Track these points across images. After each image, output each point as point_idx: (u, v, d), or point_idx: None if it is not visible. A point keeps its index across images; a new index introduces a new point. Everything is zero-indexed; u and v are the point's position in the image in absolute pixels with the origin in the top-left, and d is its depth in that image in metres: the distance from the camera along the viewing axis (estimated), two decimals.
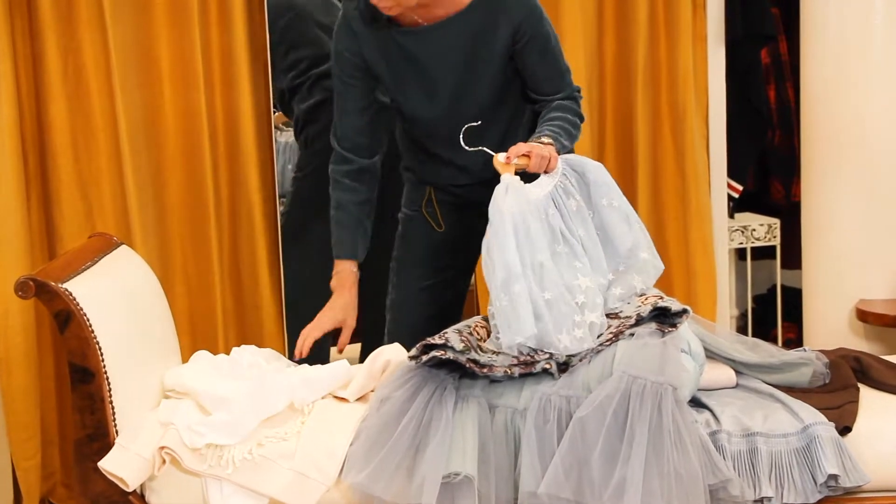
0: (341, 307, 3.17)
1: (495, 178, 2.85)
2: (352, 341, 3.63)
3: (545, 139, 2.96)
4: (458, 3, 3.04)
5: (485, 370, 2.64)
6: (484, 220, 3.23)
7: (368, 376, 2.85)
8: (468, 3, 3.04)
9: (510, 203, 2.76)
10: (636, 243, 2.89)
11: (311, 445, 2.64)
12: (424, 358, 2.63)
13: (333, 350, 4.21)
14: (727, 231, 4.59)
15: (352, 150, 3.17)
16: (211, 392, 2.69)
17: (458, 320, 3.24)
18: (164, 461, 2.62)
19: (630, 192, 4.29)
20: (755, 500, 2.57)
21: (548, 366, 2.66)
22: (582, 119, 3.17)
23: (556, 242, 2.79)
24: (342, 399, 2.83)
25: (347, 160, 3.17)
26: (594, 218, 2.89)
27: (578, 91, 3.21)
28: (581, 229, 2.85)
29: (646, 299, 2.79)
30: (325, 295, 3.21)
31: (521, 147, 2.87)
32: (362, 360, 4.14)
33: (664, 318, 2.74)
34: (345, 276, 3.18)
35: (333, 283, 3.18)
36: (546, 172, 2.88)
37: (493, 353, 2.69)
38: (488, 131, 3.10)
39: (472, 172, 3.18)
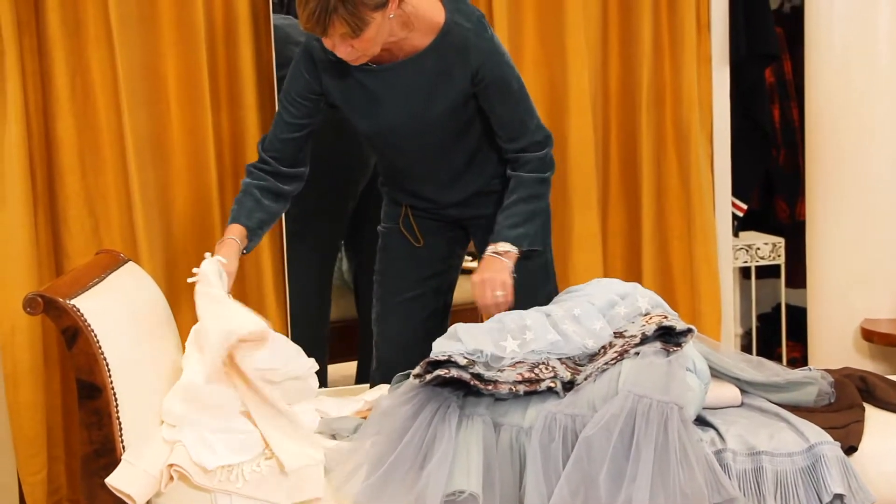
0: None
1: (466, 200, 2.93)
2: (347, 360, 3.67)
3: (504, 247, 3.08)
4: (417, 46, 3.06)
5: (489, 387, 2.65)
6: (462, 232, 3.28)
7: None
8: (427, 45, 3.06)
9: None
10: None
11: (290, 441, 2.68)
12: (429, 377, 2.63)
13: (331, 368, 4.27)
14: (731, 250, 4.59)
15: (274, 157, 3.19)
16: (210, 424, 2.70)
17: (444, 331, 3.28)
18: (172, 478, 2.62)
19: (634, 211, 4.31)
20: None
21: (553, 384, 2.67)
22: (550, 171, 3.21)
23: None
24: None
25: (266, 162, 3.19)
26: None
27: (546, 138, 3.21)
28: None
29: (650, 318, 2.80)
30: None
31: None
32: (358, 376, 4.19)
33: (669, 337, 2.75)
34: (226, 242, 3.12)
35: (215, 247, 3.14)
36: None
37: (498, 370, 2.69)
38: (452, 161, 3.17)
39: (437, 202, 3.22)
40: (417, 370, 2.67)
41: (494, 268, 3.05)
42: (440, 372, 2.62)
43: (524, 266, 3.19)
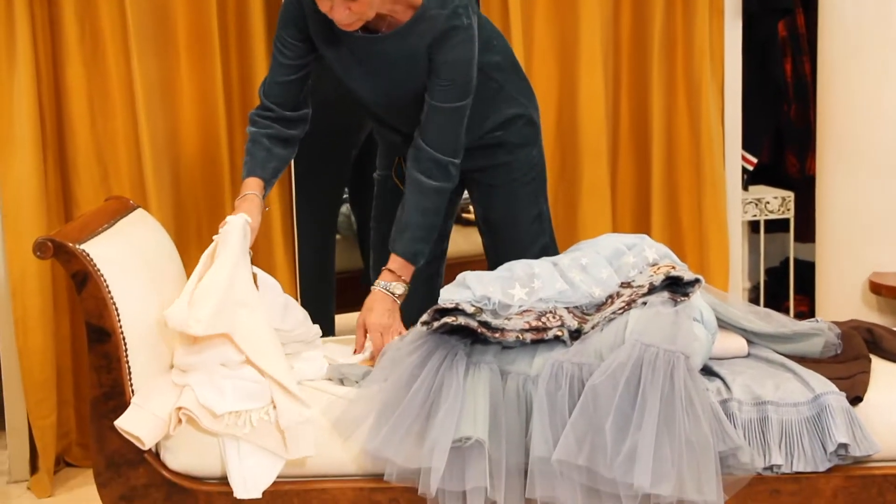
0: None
1: None
2: (354, 310, 3.65)
3: (397, 264, 3.04)
4: (398, 21, 3.02)
5: (496, 335, 2.65)
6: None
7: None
8: (405, 22, 3.01)
9: None
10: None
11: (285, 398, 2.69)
12: (436, 324, 2.64)
13: (338, 318, 4.28)
14: (741, 203, 4.59)
15: (276, 102, 3.16)
16: (220, 370, 2.71)
17: (440, 278, 3.26)
18: (180, 421, 2.64)
19: (644, 164, 4.31)
20: (765, 468, 2.59)
21: (560, 333, 2.67)
22: (447, 182, 3.08)
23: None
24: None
25: (269, 108, 3.16)
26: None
27: (452, 161, 3.08)
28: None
29: (658, 269, 2.80)
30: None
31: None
32: None
33: (676, 287, 2.75)
34: (241, 198, 3.08)
35: (235, 204, 3.10)
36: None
37: (506, 318, 2.70)
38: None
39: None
40: (425, 317, 2.68)
41: (384, 310, 3.00)
42: (447, 319, 2.63)
43: (518, 218, 3.24)
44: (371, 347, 2.97)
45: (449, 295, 2.72)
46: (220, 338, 2.73)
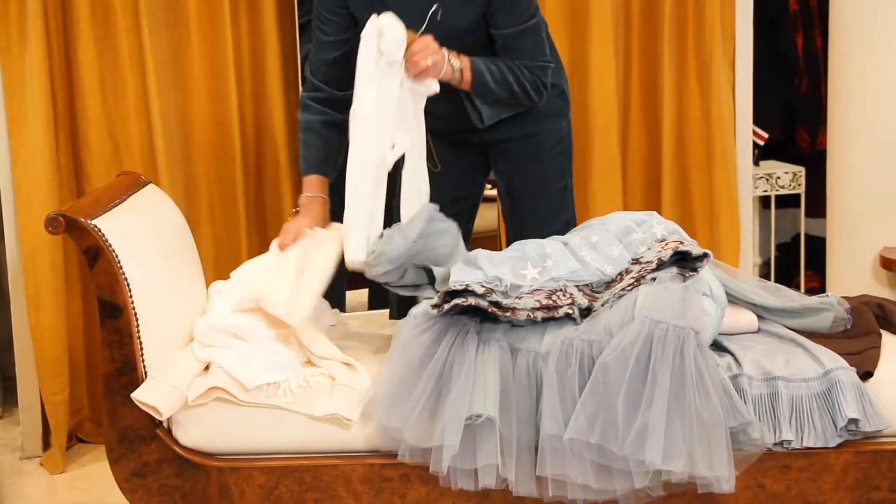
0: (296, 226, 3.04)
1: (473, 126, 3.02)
2: (360, 287, 3.65)
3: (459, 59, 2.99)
4: None
5: (507, 314, 2.65)
6: (483, 158, 3.24)
7: None
8: None
9: None
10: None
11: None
12: (447, 306, 2.64)
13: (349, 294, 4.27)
14: (752, 179, 4.58)
15: (325, 81, 3.14)
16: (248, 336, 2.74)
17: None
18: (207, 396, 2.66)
19: (655, 138, 4.30)
20: (775, 444, 2.59)
21: (570, 311, 2.67)
22: (531, 95, 3.10)
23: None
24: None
25: (319, 89, 3.13)
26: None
27: (547, 64, 3.11)
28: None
29: (666, 244, 2.80)
30: None
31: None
32: (370, 303, 4.19)
33: (685, 262, 2.75)
34: (310, 199, 3.08)
35: (301, 202, 3.09)
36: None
37: (517, 296, 2.70)
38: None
39: (455, 123, 3.18)
40: (435, 300, 2.68)
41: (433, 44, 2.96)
42: (458, 301, 2.63)
43: (543, 191, 3.21)
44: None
45: (459, 276, 2.71)
46: (256, 312, 2.77)
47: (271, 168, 3.95)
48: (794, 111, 5.11)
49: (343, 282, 4.33)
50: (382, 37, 2.87)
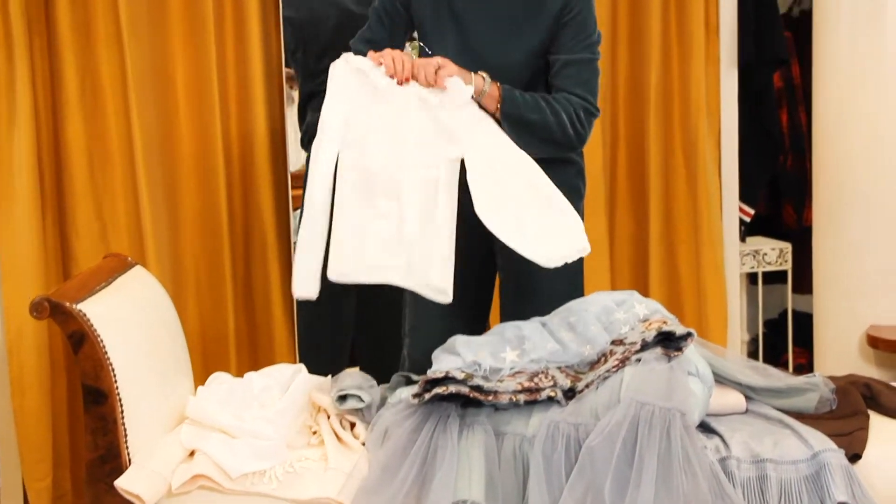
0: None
1: None
2: (354, 364, 3.63)
3: (487, 82, 2.98)
4: None
5: (490, 397, 2.65)
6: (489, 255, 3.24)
7: None
8: None
9: None
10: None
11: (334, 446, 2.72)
12: (427, 396, 2.63)
13: None
14: (738, 255, 4.59)
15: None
16: (238, 427, 2.73)
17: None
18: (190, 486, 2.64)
19: (641, 215, 4.31)
20: None
21: (553, 393, 2.67)
22: (566, 128, 3.05)
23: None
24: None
25: None
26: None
27: (595, 109, 3.09)
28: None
29: (650, 324, 2.80)
30: (336, 316, 3.20)
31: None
32: None
33: (669, 342, 2.75)
34: None
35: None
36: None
37: (498, 380, 2.70)
38: None
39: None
40: (416, 389, 2.67)
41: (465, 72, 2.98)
42: (438, 390, 2.62)
43: (554, 273, 3.10)
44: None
45: (438, 364, 2.71)
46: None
47: (259, 247, 3.94)
48: (779, 187, 5.14)
49: (345, 361, 4.34)
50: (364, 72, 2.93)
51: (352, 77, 2.96)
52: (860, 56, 4.22)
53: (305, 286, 2.93)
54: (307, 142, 4.13)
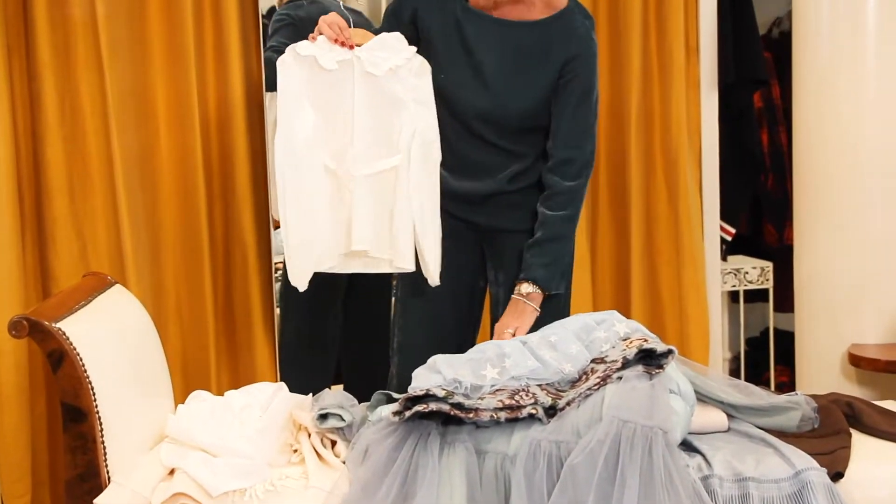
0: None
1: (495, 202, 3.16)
2: (336, 383, 3.63)
3: (528, 289, 3.18)
4: (531, 16, 3.15)
5: (470, 415, 2.64)
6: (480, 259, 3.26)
7: None
8: (539, 19, 3.15)
9: None
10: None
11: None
12: (408, 413, 2.62)
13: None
14: (720, 274, 4.60)
15: None
16: (218, 445, 2.72)
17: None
18: None
19: (623, 235, 4.32)
20: None
21: (534, 411, 2.66)
22: (577, 207, 3.27)
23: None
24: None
25: None
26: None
27: (588, 168, 3.26)
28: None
29: (630, 342, 2.80)
30: (318, 335, 3.21)
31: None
32: None
33: (650, 360, 2.75)
34: None
35: None
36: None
37: (479, 397, 2.69)
38: (502, 154, 3.19)
39: (493, 173, 3.23)
40: (396, 407, 2.66)
41: (519, 313, 3.15)
42: (419, 408, 2.61)
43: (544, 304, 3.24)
44: None
45: (419, 382, 2.71)
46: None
47: (240, 267, 3.93)
48: (760, 206, 5.16)
49: (327, 380, 4.32)
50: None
51: (297, 68, 3.08)
52: (840, 76, 4.24)
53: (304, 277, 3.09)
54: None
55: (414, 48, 3.14)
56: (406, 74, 3.12)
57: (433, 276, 3.19)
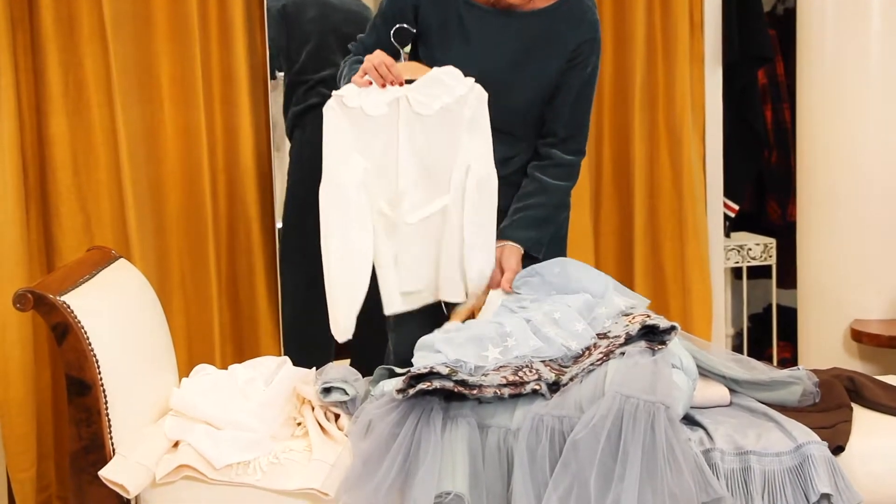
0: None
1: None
2: (340, 357, 3.63)
3: (512, 245, 3.11)
4: (535, 5, 3.11)
5: (474, 391, 2.64)
6: None
7: None
8: (544, 7, 3.11)
9: None
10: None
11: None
12: (412, 391, 2.63)
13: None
14: (723, 250, 4.60)
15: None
16: (222, 418, 2.73)
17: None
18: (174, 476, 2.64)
19: (626, 212, 4.32)
20: None
21: (537, 387, 2.66)
22: (573, 181, 3.26)
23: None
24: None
25: (357, 58, 3.17)
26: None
27: (583, 150, 3.25)
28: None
29: (633, 318, 2.80)
30: (321, 309, 3.20)
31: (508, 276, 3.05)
32: None
33: (653, 335, 2.75)
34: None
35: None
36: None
37: (483, 374, 2.70)
38: (502, 146, 3.13)
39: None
40: (400, 385, 2.67)
41: (507, 257, 3.10)
42: (423, 386, 2.61)
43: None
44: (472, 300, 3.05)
45: (422, 361, 2.71)
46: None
47: (243, 242, 3.94)
48: (764, 183, 5.16)
49: (331, 354, 4.33)
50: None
51: (344, 119, 2.97)
52: (844, 53, 4.23)
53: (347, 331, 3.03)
54: (290, 135, 4.14)
55: (471, 80, 3.00)
56: (459, 109, 3.00)
57: (470, 291, 3.11)
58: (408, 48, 3.16)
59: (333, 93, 2.99)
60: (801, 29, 4.37)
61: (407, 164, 2.99)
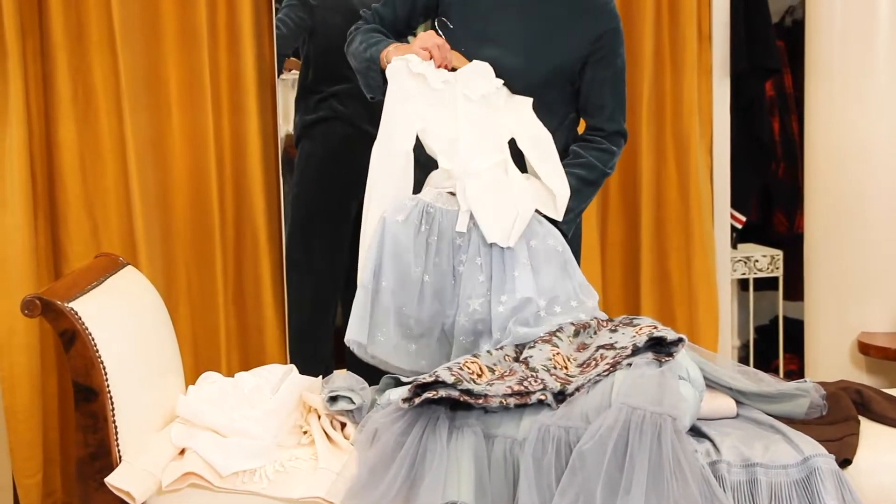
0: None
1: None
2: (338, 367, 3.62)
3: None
4: None
5: (480, 401, 2.64)
6: None
7: None
8: None
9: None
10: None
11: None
12: (417, 401, 2.63)
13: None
14: (730, 262, 4.60)
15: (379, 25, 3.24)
16: (228, 426, 2.73)
17: None
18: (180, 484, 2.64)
19: (633, 222, 4.32)
20: None
21: (543, 397, 2.66)
22: (611, 166, 3.27)
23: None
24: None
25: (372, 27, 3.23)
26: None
27: (625, 136, 3.29)
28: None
29: (640, 329, 2.81)
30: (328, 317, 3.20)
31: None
32: None
33: (660, 347, 2.75)
34: (402, 46, 3.13)
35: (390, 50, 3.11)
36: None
37: (488, 383, 2.70)
38: None
39: None
40: (406, 394, 2.67)
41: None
42: (429, 395, 2.62)
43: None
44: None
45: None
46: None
47: (250, 249, 3.94)
48: (771, 195, 5.16)
49: (331, 361, 4.33)
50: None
51: (410, 81, 3.03)
52: (852, 65, 4.23)
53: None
54: (297, 144, 4.13)
55: (501, 81, 3.10)
56: (497, 99, 3.10)
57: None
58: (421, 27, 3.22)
59: (396, 57, 3.04)
60: (809, 41, 4.37)
61: (466, 125, 3.04)
